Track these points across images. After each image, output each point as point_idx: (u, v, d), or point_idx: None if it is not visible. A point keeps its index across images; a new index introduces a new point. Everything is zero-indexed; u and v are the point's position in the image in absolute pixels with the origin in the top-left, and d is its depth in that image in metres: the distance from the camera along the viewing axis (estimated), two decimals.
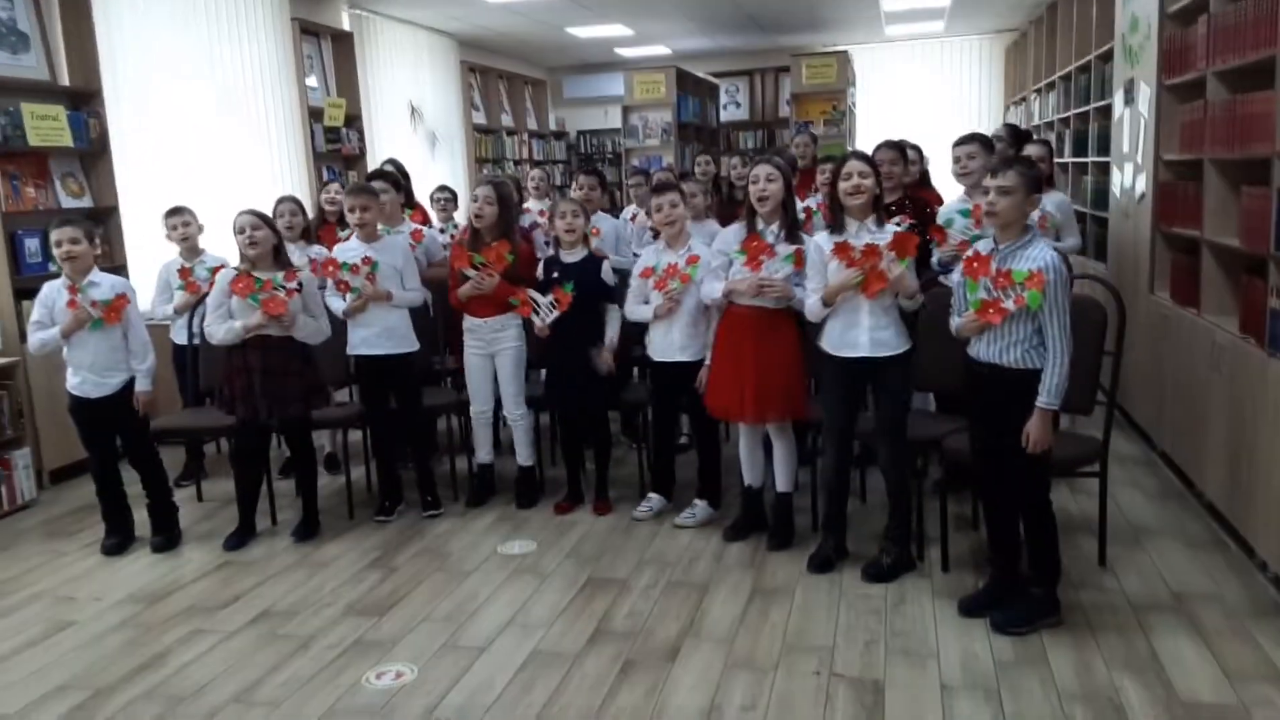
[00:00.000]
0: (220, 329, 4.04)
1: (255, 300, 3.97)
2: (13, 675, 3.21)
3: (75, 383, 4.08)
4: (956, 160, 4.36)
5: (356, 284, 4.25)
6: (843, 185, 3.47)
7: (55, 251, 4.01)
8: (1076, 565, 3.60)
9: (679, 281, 4.02)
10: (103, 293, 4.03)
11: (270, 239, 4.06)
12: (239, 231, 4.04)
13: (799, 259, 3.69)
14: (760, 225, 3.79)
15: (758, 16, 10.00)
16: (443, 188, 5.88)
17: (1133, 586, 3.45)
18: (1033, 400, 3.01)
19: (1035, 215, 4.55)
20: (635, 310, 4.19)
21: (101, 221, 5.50)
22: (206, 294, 4.83)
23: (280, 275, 4.04)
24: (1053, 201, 4.90)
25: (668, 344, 4.12)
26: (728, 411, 3.93)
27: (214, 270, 4.84)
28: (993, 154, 4.42)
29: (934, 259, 4.21)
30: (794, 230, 3.77)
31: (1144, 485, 4.47)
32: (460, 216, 5.92)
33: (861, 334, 3.48)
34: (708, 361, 3.99)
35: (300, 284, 4.07)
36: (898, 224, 4.27)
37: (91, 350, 4.04)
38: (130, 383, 4.13)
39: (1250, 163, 3.76)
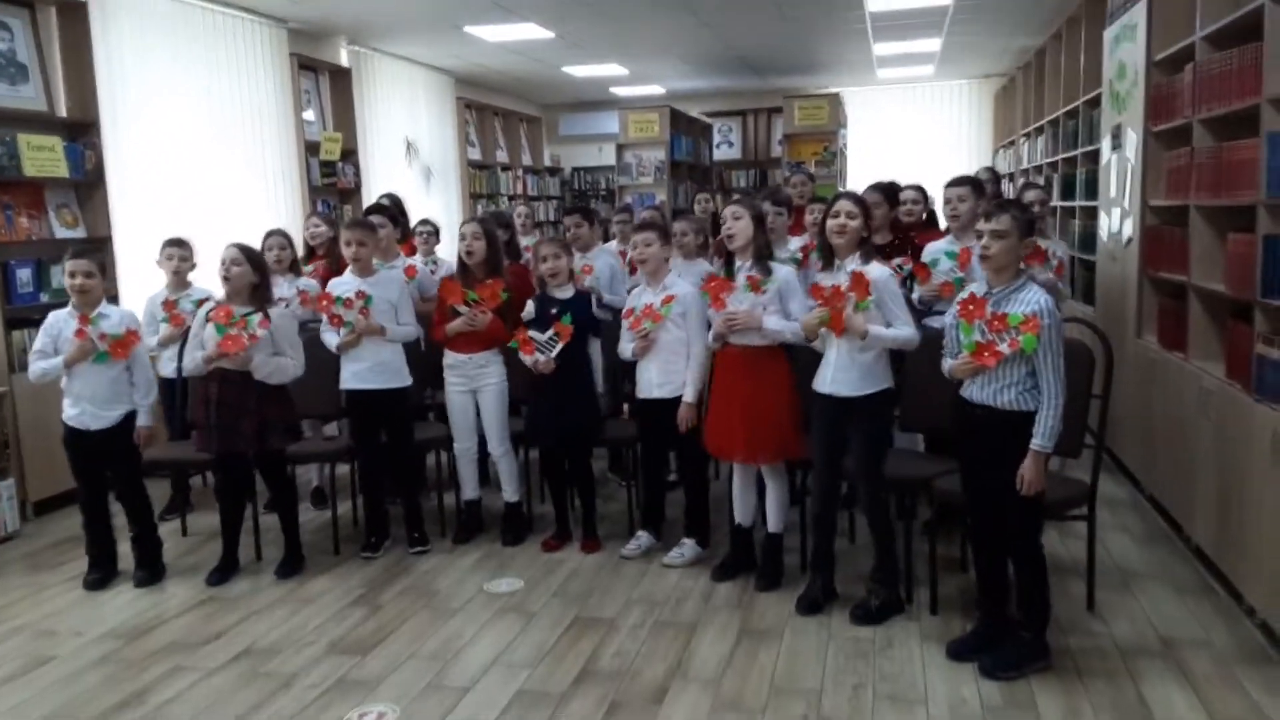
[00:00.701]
0: (189, 359, 4.08)
1: (220, 331, 3.96)
2: None
3: (74, 414, 4.06)
4: (947, 202, 4.44)
5: (350, 318, 4.25)
6: (830, 224, 3.52)
7: (68, 282, 4.01)
8: (1065, 609, 3.59)
9: (651, 321, 4.04)
10: (112, 325, 4.03)
11: (247, 275, 4.06)
12: (220, 263, 4.06)
13: (753, 284, 3.72)
14: (738, 263, 3.83)
15: (750, 59, 10.13)
16: (424, 221, 5.79)
17: (1121, 632, 3.44)
18: (1026, 442, 3.01)
19: (1054, 261, 4.65)
20: (623, 349, 4.21)
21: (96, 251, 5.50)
22: (190, 327, 4.84)
23: (255, 314, 4.01)
24: (1061, 248, 5.03)
25: (646, 381, 4.16)
26: (722, 450, 3.93)
27: (199, 303, 4.84)
28: (983, 197, 4.49)
29: (915, 295, 4.25)
30: (761, 262, 3.79)
31: (1133, 529, 4.46)
32: (442, 250, 5.88)
33: (829, 371, 3.52)
34: (686, 399, 4.01)
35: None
36: (899, 265, 4.33)
37: (93, 382, 4.03)
38: (129, 416, 4.12)
39: (1236, 209, 3.80)
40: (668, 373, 4.09)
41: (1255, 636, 3.37)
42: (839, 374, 3.50)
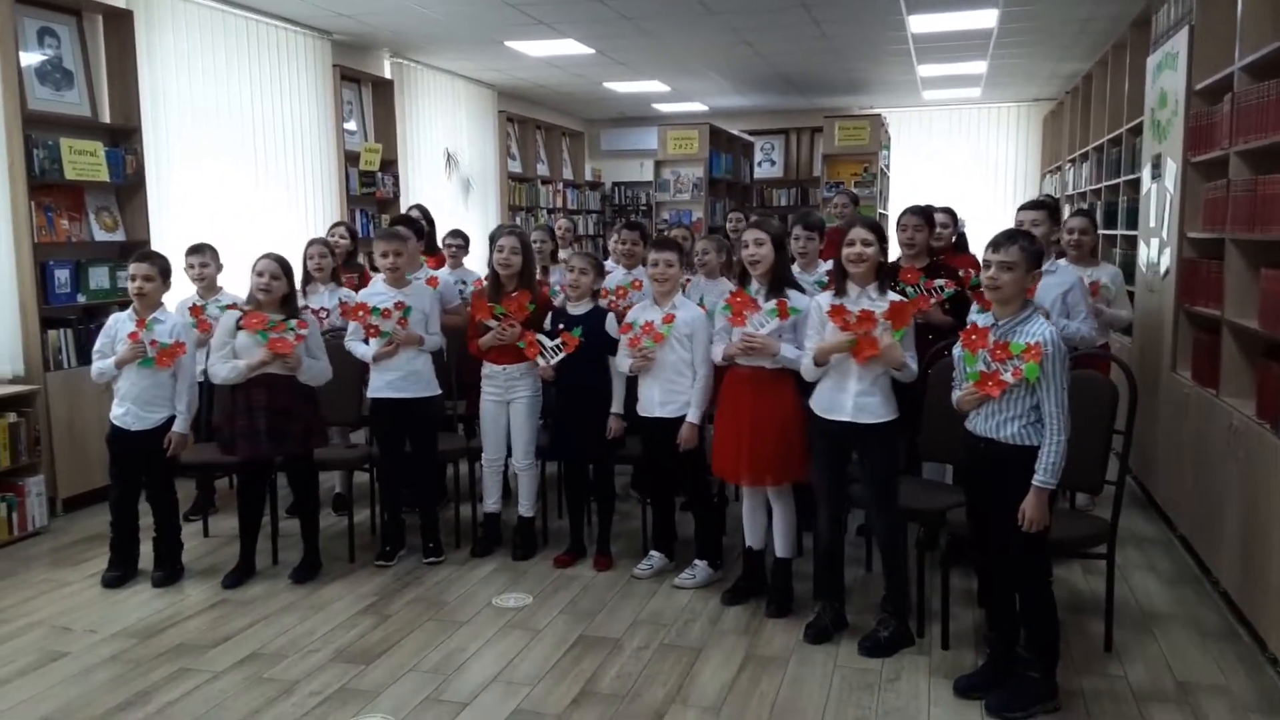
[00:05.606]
0: (224, 367, 4.09)
1: (264, 336, 4.02)
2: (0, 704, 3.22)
3: (119, 414, 4.15)
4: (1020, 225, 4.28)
5: (386, 328, 4.28)
6: (845, 252, 3.47)
7: (129, 285, 4.13)
8: (1082, 649, 3.51)
9: (652, 340, 4.02)
10: (164, 332, 4.11)
11: (283, 288, 4.13)
12: (258, 274, 4.10)
13: (782, 310, 3.68)
14: (754, 286, 3.80)
15: (792, 77, 10.09)
16: (454, 234, 5.80)
17: (1137, 675, 3.34)
18: (1029, 478, 2.94)
19: (1087, 282, 4.50)
20: (620, 363, 4.19)
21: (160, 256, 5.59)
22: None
23: (293, 320, 4.11)
24: (1107, 273, 4.96)
25: (649, 400, 4.12)
26: (727, 472, 3.90)
27: (227, 308, 4.91)
28: (1058, 225, 4.45)
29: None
30: (778, 287, 3.74)
31: (1160, 568, 4.34)
32: (469, 262, 5.89)
33: (847, 399, 3.46)
34: (689, 419, 3.98)
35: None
36: (940, 287, 4.26)
37: (138, 384, 4.11)
38: (170, 420, 4.18)
39: (1270, 244, 3.71)
40: (670, 392, 4.06)
41: (1277, 685, 3.25)
42: (860, 400, 3.44)
